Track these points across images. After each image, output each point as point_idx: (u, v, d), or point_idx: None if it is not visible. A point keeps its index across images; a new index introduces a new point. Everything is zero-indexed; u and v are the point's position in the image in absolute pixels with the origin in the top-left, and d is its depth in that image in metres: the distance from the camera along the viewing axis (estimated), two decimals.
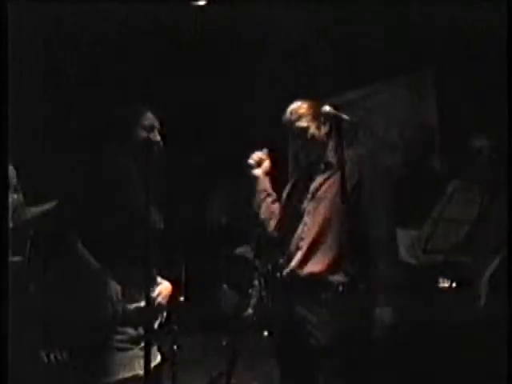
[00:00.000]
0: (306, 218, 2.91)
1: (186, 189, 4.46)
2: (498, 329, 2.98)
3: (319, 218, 2.90)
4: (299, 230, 2.92)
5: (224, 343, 3.71)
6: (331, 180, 2.94)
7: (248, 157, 3.13)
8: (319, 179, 2.96)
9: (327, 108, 2.81)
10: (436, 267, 3.67)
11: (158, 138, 2.70)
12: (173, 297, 2.77)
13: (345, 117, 2.77)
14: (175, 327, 3.81)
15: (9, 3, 2.53)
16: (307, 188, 2.97)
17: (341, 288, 2.76)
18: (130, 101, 2.82)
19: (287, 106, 3.01)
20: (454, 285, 3.61)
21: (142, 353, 2.57)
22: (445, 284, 3.70)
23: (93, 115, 3.00)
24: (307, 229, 2.90)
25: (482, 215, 3.02)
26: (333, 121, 2.79)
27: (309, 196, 2.94)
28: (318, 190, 2.95)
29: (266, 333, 3.83)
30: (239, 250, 4.84)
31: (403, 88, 5.05)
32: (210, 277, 4.50)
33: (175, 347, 3.74)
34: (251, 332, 3.82)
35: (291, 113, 2.96)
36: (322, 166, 2.98)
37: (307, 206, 2.93)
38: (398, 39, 4.62)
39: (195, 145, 5.06)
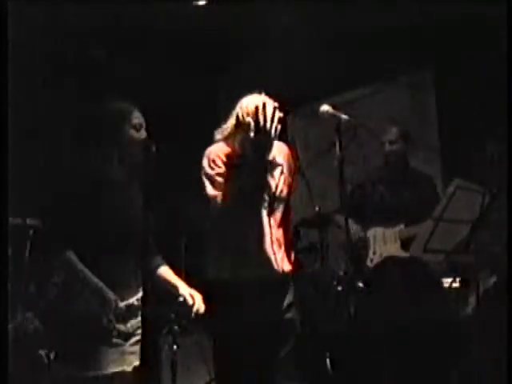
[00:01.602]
0: (272, 220, 2.84)
1: (185, 189, 4.46)
2: (499, 329, 2.98)
3: (286, 219, 2.86)
4: (269, 233, 2.84)
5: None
6: (284, 180, 2.90)
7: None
8: (272, 180, 2.89)
9: (326, 107, 2.80)
10: (436, 266, 3.67)
11: (145, 135, 2.70)
12: None
13: (344, 117, 2.77)
14: (175, 327, 3.81)
15: (9, 3, 2.53)
16: (257, 188, 2.88)
17: (340, 288, 2.76)
18: (129, 101, 2.81)
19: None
20: (454, 284, 3.61)
21: (131, 349, 2.60)
22: (447, 284, 3.71)
23: (92, 115, 2.99)
24: (276, 231, 2.85)
25: (483, 215, 3.01)
26: (332, 120, 2.78)
27: (267, 198, 2.86)
28: (275, 190, 2.87)
29: None
30: None
31: (403, 88, 5.06)
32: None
33: (175, 347, 3.74)
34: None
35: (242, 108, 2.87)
36: (269, 166, 2.88)
37: (268, 207, 2.86)
38: (398, 39, 4.62)
39: (195, 145, 5.05)
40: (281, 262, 2.78)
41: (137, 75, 4.76)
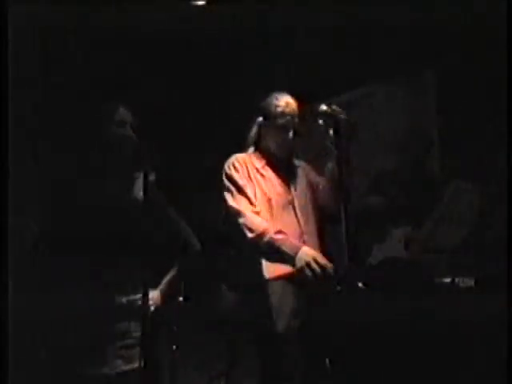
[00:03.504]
0: (299, 213, 2.95)
1: (183, 189, 4.46)
2: (499, 329, 2.98)
3: (305, 213, 2.97)
4: (297, 225, 2.93)
5: (224, 343, 3.72)
6: (302, 176, 3.04)
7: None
8: (299, 174, 3.05)
9: (325, 107, 2.82)
10: (436, 266, 3.67)
11: (130, 132, 2.72)
12: None
13: (342, 116, 2.78)
14: (175, 327, 3.81)
15: (9, 3, 2.54)
16: (286, 182, 3.00)
17: (339, 288, 2.76)
18: (129, 102, 2.82)
19: None
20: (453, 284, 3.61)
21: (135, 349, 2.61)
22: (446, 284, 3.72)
23: (93, 117, 3.01)
24: (304, 224, 2.93)
25: (482, 215, 3.02)
26: (331, 120, 2.81)
27: (292, 190, 2.98)
28: (296, 185, 3.03)
29: None
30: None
31: (403, 88, 5.05)
32: (209, 277, 4.50)
33: (175, 347, 3.74)
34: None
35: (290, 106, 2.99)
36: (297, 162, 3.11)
37: (294, 200, 2.97)
38: (398, 39, 4.62)
39: (194, 145, 5.06)
40: None
41: (136, 75, 4.76)
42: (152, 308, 2.70)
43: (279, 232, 2.79)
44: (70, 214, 2.58)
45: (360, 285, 2.90)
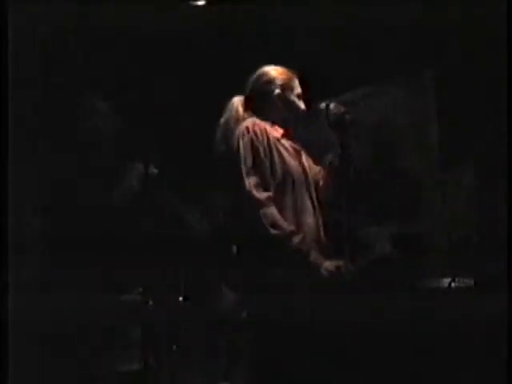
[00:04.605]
0: (315, 200, 2.87)
1: (182, 189, 4.46)
2: (499, 329, 2.98)
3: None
4: (313, 214, 2.84)
5: (224, 343, 3.71)
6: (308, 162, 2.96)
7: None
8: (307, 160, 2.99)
9: (324, 105, 2.82)
10: (436, 266, 3.67)
11: (100, 124, 2.71)
12: None
13: (346, 116, 2.78)
14: (175, 327, 3.82)
15: (9, 8, 2.54)
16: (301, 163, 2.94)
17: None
18: (129, 101, 2.82)
19: None
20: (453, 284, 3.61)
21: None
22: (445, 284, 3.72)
23: (92, 116, 3.00)
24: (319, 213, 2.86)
25: (482, 215, 3.02)
26: (332, 118, 2.81)
27: (308, 172, 2.91)
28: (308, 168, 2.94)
29: None
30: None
31: (403, 88, 5.05)
32: (209, 277, 4.50)
33: (175, 347, 3.75)
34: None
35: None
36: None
37: (310, 185, 2.89)
38: (398, 39, 4.62)
39: (193, 146, 5.06)
40: None
41: (136, 75, 4.76)
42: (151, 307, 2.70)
43: (298, 234, 2.62)
44: (69, 214, 2.58)
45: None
